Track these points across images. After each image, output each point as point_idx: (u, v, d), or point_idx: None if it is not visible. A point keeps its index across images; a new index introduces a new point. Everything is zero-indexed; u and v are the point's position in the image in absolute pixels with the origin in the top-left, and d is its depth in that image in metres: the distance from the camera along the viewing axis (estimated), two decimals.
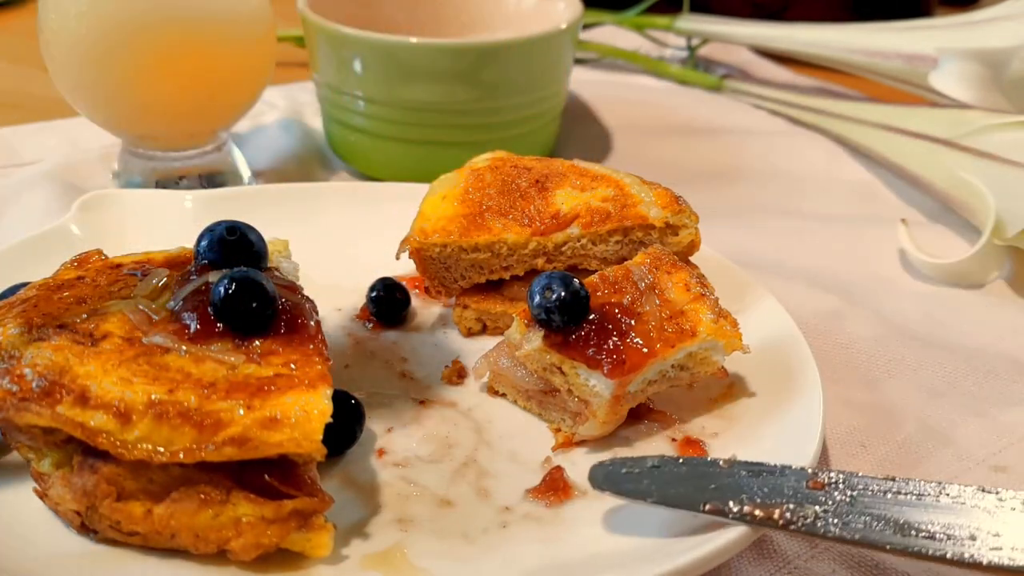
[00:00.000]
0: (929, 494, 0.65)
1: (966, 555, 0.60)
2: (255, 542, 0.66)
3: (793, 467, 0.69)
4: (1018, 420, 0.92)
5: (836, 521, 0.64)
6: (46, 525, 0.70)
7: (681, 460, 0.71)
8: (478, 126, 1.24)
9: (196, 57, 1.08)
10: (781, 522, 0.65)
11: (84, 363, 0.68)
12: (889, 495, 0.65)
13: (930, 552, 0.61)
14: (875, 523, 0.64)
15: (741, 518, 0.66)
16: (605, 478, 0.70)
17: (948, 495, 0.65)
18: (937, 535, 0.62)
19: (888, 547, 0.62)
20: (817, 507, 0.65)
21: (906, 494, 0.65)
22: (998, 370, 0.99)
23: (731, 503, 0.66)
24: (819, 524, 0.64)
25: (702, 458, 0.71)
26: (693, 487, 0.68)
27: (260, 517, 0.66)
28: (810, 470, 0.68)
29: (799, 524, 0.65)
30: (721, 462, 0.70)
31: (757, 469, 0.69)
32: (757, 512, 0.66)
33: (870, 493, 0.66)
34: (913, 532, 0.62)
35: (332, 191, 1.14)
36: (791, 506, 0.66)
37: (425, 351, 0.94)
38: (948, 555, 0.61)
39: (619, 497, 0.69)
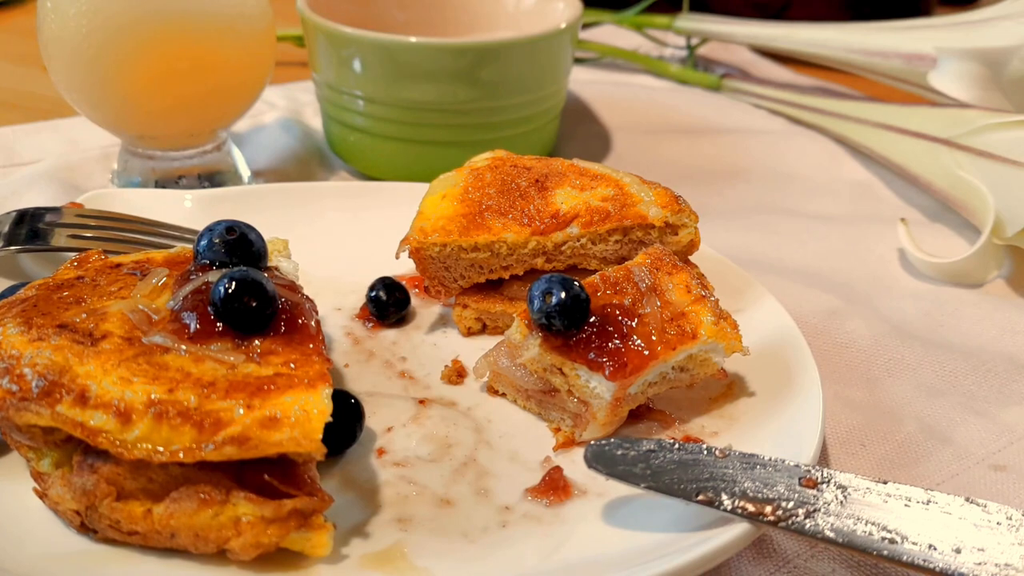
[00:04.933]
0: (918, 500, 0.65)
1: (951, 567, 0.61)
2: (255, 542, 0.66)
3: (787, 462, 0.69)
4: (1017, 419, 0.92)
5: (826, 522, 0.65)
6: (46, 525, 0.70)
7: (677, 446, 0.71)
8: (478, 126, 1.24)
9: (195, 56, 1.08)
10: (772, 518, 0.65)
11: (84, 363, 0.68)
12: (879, 499, 0.66)
13: (916, 562, 0.62)
14: (864, 527, 0.64)
15: (732, 511, 0.66)
16: (599, 457, 0.70)
17: (936, 503, 0.65)
18: (923, 544, 0.62)
19: (875, 552, 0.62)
20: (809, 506, 0.66)
21: (896, 498, 0.66)
22: (997, 369, 0.99)
23: (723, 495, 0.67)
24: (809, 524, 0.65)
25: (698, 444, 0.72)
26: (687, 475, 0.68)
27: (260, 517, 0.66)
28: (803, 467, 0.69)
29: (790, 522, 0.65)
30: (717, 451, 0.70)
31: (752, 461, 0.69)
32: (748, 507, 0.66)
33: (861, 495, 0.66)
34: (900, 539, 0.63)
35: (332, 191, 1.14)
36: (783, 503, 0.66)
37: (425, 351, 0.94)
38: (935, 567, 0.61)
39: (611, 478, 0.69)
